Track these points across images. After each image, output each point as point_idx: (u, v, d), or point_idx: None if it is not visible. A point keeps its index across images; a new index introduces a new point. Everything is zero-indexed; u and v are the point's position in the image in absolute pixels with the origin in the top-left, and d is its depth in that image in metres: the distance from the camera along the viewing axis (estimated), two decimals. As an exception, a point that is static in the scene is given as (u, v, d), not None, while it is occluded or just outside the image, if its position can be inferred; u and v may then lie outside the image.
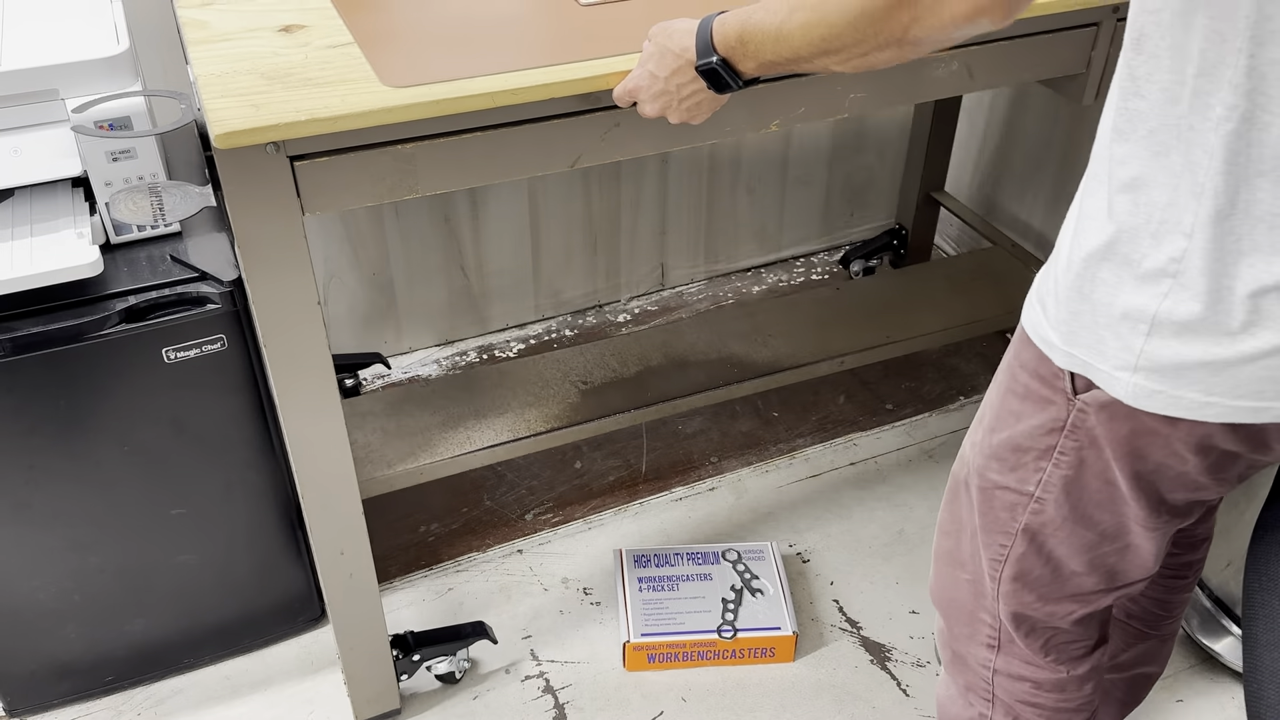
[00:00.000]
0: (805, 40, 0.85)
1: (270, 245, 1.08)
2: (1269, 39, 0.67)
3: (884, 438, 2.03)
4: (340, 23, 1.17)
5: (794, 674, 1.61)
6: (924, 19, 0.76)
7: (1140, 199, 0.77)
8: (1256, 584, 0.99)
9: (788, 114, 1.22)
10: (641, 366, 1.77)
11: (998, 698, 1.07)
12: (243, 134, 0.97)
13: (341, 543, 1.31)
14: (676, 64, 0.99)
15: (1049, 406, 0.89)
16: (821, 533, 1.83)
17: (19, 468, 1.31)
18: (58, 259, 1.21)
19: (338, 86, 1.04)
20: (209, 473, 1.42)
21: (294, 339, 1.14)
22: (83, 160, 1.25)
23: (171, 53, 1.70)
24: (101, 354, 1.28)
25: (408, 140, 1.07)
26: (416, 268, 2.12)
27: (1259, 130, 0.70)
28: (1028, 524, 0.95)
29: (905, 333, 1.86)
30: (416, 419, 1.65)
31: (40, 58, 1.23)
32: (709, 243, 2.40)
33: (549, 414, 1.67)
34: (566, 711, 1.55)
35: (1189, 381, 0.78)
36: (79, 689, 1.53)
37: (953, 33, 0.75)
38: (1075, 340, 0.83)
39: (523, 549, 1.81)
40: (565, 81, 1.07)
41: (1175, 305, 0.76)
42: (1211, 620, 1.58)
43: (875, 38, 0.79)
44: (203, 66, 1.07)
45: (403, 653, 1.51)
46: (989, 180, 2.36)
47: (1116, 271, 0.79)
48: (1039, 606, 1.00)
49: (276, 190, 1.04)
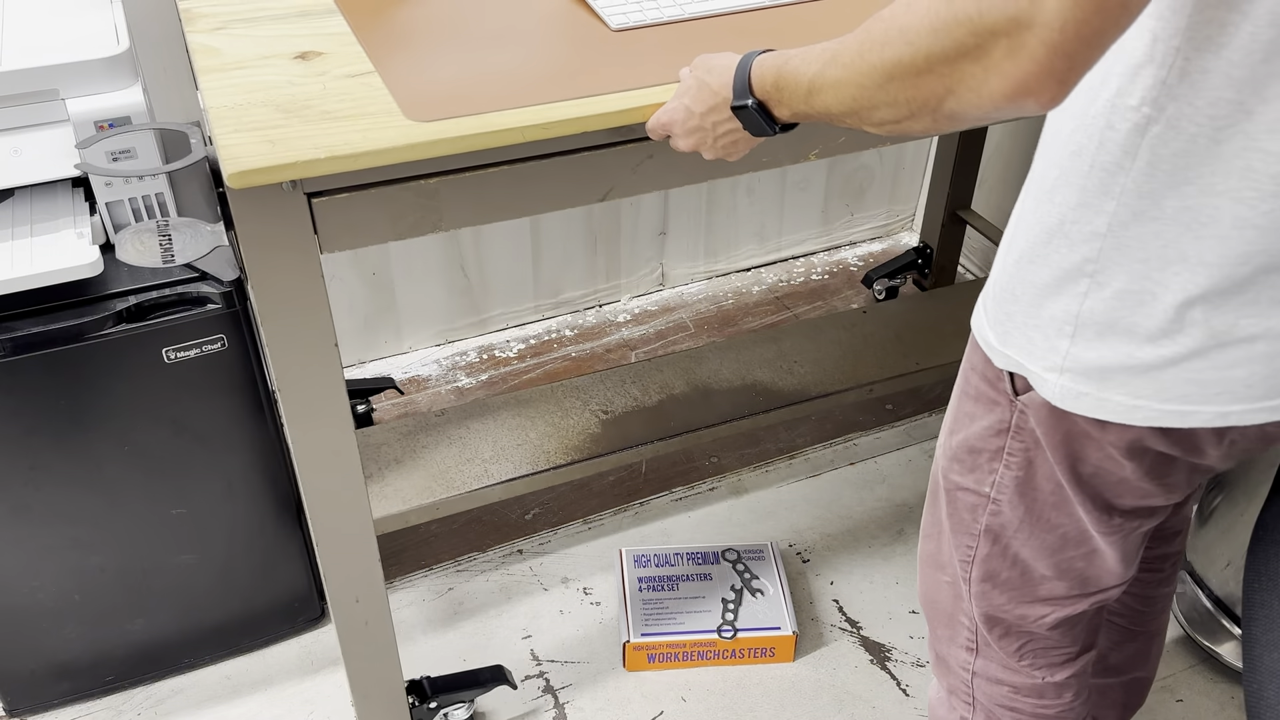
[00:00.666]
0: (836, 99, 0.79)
1: (286, 286, 1.02)
2: (1204, 44, 0.66)
3: (884, 438, 2.03)
4: (359, 49, 1.10)
5: (794, 674, 1.61)
6: (960, 94, 0.67)
7: (1058, 198, 0.77)
8: (1256, 584, 0.99)
9: (828, 144, 1.16)
10: (664, 395, 1.72)
11: (978, 701, 1.07)
12: (258, 173, 0.91)
13: (357, 590, 1.25)
14: (713, 101, 0.94)
15: (995, 408, 0.89)
16: (821, 533, 1.83)
17: (19, 468, 1.31)
18: (58, 259, 1.21)
19: (358, 120, 0.97)
20: (209, 473, 1.42)
21: (310, 382, 1.08)
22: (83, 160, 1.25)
23: (172, 53, 1.70)
24: (101, 354, 1.28)
25: (431, 175, 1.01)
26: (416, 268, 2.12)
27: (1186, 139, 0.69)
28: (988, 525, 0.95)
29: (934, 360, 1.82)
30: (432, 451, 1.60)
31: (40, 58, 1.23)
32: (709, 243, 2.40)
33: (568, 445, 1.62)
34: (566, 711, 1.55)
35: (1114, 384, 0.78)
36: (79, 689, 1.53)
37: (993, 113, 0.66)
38: (1009, 341, 0.84)
39: (523, 549, 1.81)
40: (597, 115, 1.00)
41: (1095, 305, 0.76)
42: (1211, 620, 1.58)
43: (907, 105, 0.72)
44: (215, 98, 1.01)
45: (419, 700, 1.45)
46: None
47: (1040, 271, 0.79)
48: (1010, 609, 0.99)
49: (293, 229, 0.99)
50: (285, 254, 1.00)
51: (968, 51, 0.64)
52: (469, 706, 1.51)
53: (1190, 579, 1.61)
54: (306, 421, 1.10)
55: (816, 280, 2.46)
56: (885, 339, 1.86)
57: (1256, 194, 0.69)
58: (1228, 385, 0.75)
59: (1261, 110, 0.66)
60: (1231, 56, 0.65)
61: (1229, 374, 0.75)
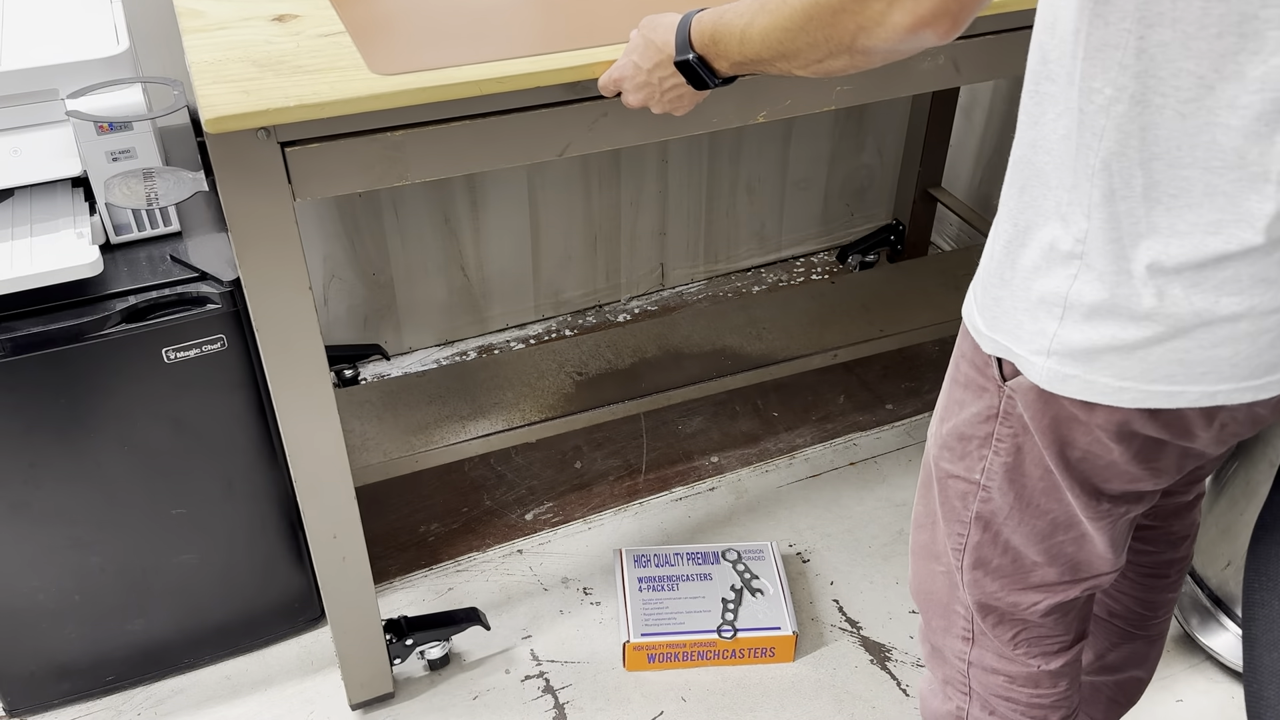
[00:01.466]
0: (764, 44, 0.88)
1: (262, 230, 1.09)
2: (1156, 20, 0.67)
3: (884, 438, 2.03)
4: (332, 13, 1.19)
5: (794, 674, 1.61)
6: (869, 29, 0.77)
7: (1043, 183, 0.78)
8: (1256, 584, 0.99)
9: (775, 105, 1.24)
10: (636, 358, 1.79)
11: (974, 691, 1.08)
12: (233, 119, 0.99)
13: (334, 526, 1.32)
14: (658, 57, 1.01)
15: (984, 394, 0.90)
16: (821, 533, 1.84)
17: (19, 467, 1.31)
18: (58, 259, 1.21)
19: (328, 74, 1.06)
20: (209, 473, 1.42)
21: (286, 322, 1.16)
22: (82, 160, 1.25)
23: (171, 53, 1.70)
24: (101, 354, 1.28)
25: (397, 128, 1.09)
26: (416, 268, 2.12)
27: (1152, 113, 0.70)
28: (979, 512, 0.96)
29: (898, 326, 1.88)
30: (413, 408, 1.66)
31: (40, 58, 1.23)
32: (709, 243, 2.40)
33: (545, 404, 1.68)
34: (566, 711, 1.55)
35: (1101, 366, 0.79)
36: (79, 689, 1.53)
37: (898, 44, 0.77)
38: (997, 325, 0.85)
39: (523, 549, 1.81)
40: (551, 70, 1.08)
41: (1083, 287, 0.77)
42: (1211, 620, 1.58)
43: (825, 44, 0.82)
44: (196, 54, 1.09)
45: (396, 637, 1.52)
46: (987, 178, 2.36)
47: (1029, 255, 0.81)
48: (1003, 596, 1.00)
49: (267, 175, 1.06)
50: (261, 199, 1.08)
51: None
52: (444, 645, 1.57)
53: (1190, 579, 1.61)
54: (283, 358, 1.18)
55: (816, 280, 2.46)
56: (852, 307, 1.93)
57: (1223, 164, 0.70)
58: (1214, 365, 0.76)
59: (1221, 86, 0.67)
60: (1187, 29, 0.67)
61: (1214, 353, 0.76)
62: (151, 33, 1.66)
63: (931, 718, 1.15)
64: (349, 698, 1.51)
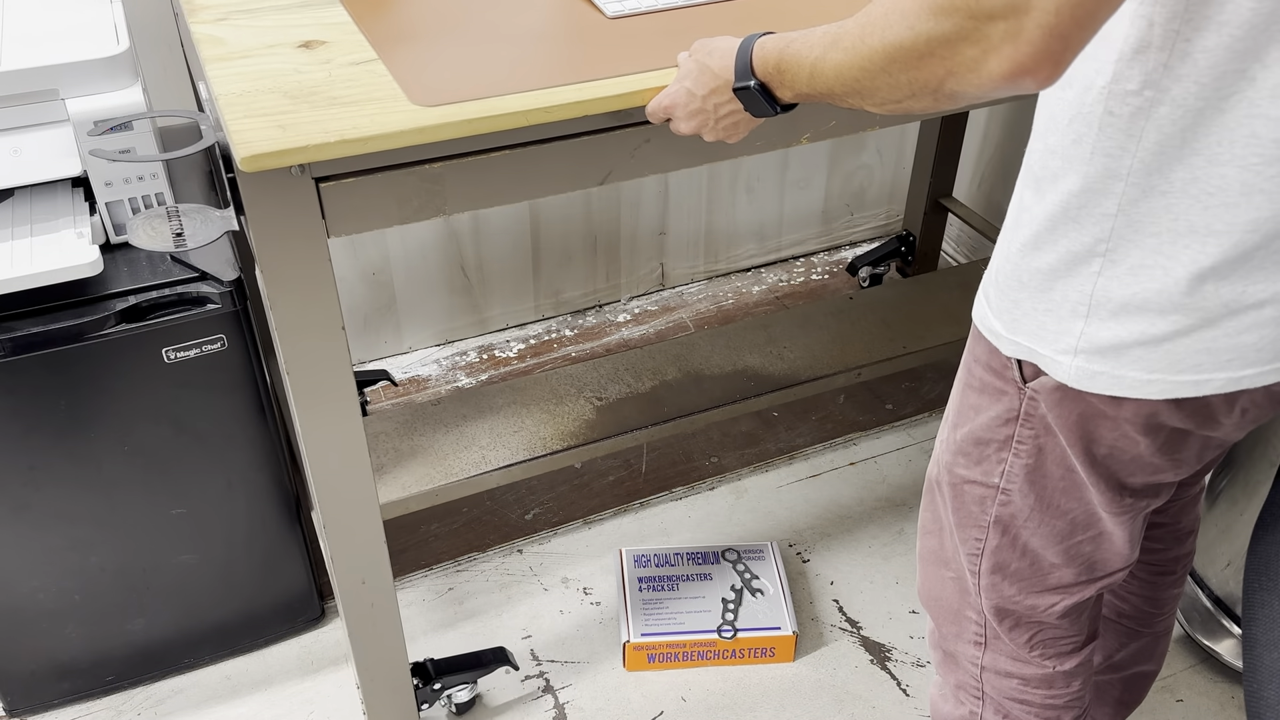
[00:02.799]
0: (838, 79, 0.81)
1: (294, 269, 1.04)
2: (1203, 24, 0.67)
3: (884, 438, 2.03)
4: (361, 38, 1.13)
5: (794, 674, 1.61)
6: (960, 74, 0.69)
7: (1061, 185, 0.78)
8: (1256, 584, 0.99)
9: (819, 127, 1.19)
10: (656, 381, 1.75)
11: (987, 695, 1.08)
12: (270, 156, 0.93)
13: (364, 573, 1.27)
14: (715, 83, 0.97)
15: (1002, 397, 0.90)
16: (821, 533, 1.84)
17: (19, 468, 1.31)
18: (58, 259, 1.21)
19: (365, 105, 1.00)
20: (209, 472, 1.42)
21: (319, 367, 1.11)
22: (82, 160, 1.25)
23: (171, 53, 1.70)
24: (101, 354, 1.28)
25: (435, 160, 1.04)
26: (416, 268, 2.12)
27: (1193, 114, 0.70)
28: (998, 515, 0.96)
29: (920, 343, 1.85)
30: (430, 439, 1.62)
31: (40, 58, 1.23)
32: (709, 243, 2.40)
33: (564, 431, 1.64)
34: (566, 711, 1.55)
35: (1129, 360, 0.79)
36: (79, 689, 1.53)
37: (992, 92, 0.68)
38: (1018, 328, 0.84)
39: (523, 549, 1.81)
40: (600, 99, 1.04)
41: (1108, 284, 0.78)
42: (1211, 620, 1.58)
43: (908, 86, 0.74)
44: (223, 85, 1.03)
45: (423, 681, 1.48)
46: (998, 186, 2.35)
47: (1047, 256, 0.80)
48: (1020, 600, 1.00)
49: (302, 213, 1.01)
50: (294, 238, 1.02)
51: (966, 35, 0.66)
52: (472, 687, 1.53)
53: (1190, 579, 1.61)
54: (314, 404, 1.12)
55: (816, 280, 2.46)
56: (872, 324, 1.90)
57: (1261, 159, 0.70)
58: (1239, 351, 0.77)
59: (1263, 76, 0.67)
60: (1234, 32, 0.67)
61: (1240, 340, 0.76)
62: (151, 33, 1.66)
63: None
64: None
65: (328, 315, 1.08)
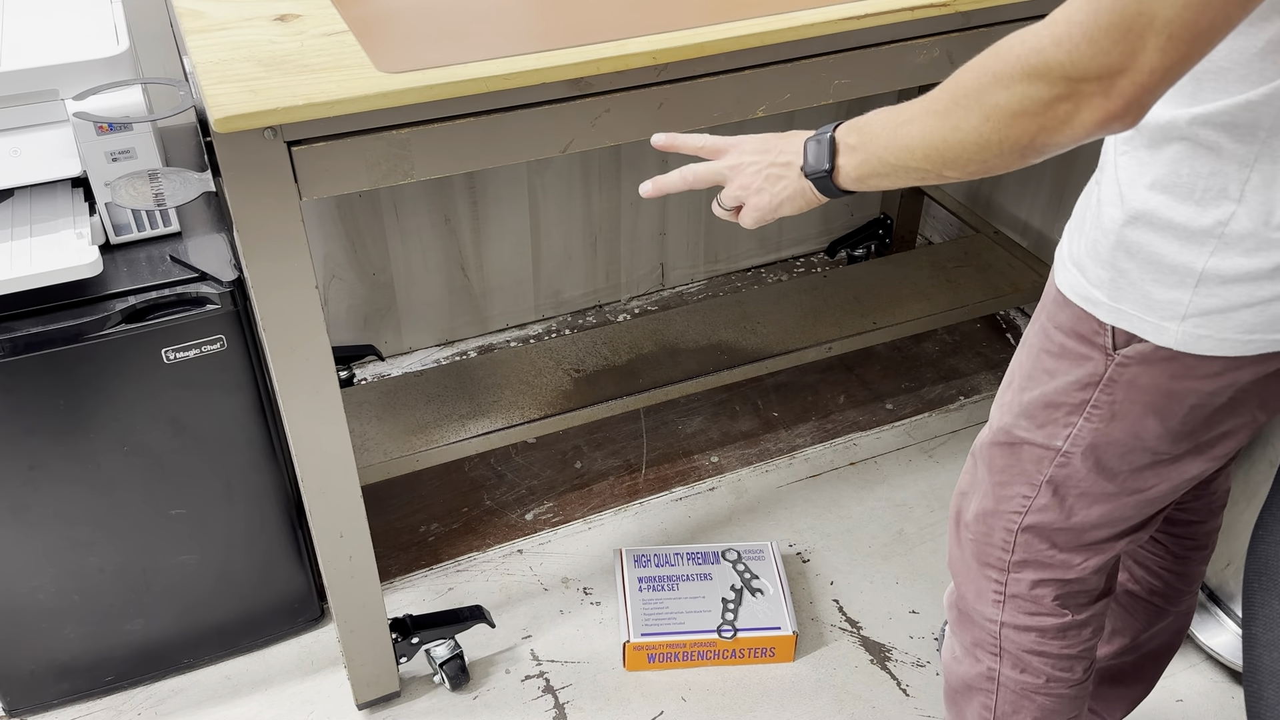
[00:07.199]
0: (923, 140, 0.82)
1: (269, 230, 1.10)
2: None
3: (884, 438, 2.03)
4: (333, 11, 1.19)
5: (794, 674, 1.61)
6: (1053, 129, 0.72)
7: (1183, 169, 0.81)
8: (1256, 584, 0.99)
9: (774, 99, 1.24)
10: (633, 354, 1.80)
11: (1005, 650, 1.11)
12: (242, 118, 0.98)
13: (341, 525, 1.33)
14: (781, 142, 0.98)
15: (1086, 363, 0.92)
16: (821, 533, 1.83)
17: (19, 468, 1.31)
18: (58, 259, 1.21)
19: (334, 72, 1.06)
20: (209, 473, 1.42)
21: (293, 322, 1.16)
22: (82, 160, 1.25)
23: (171, 53, 1.70)
24: (101, 354, 1.28)
25: (402, 126, 1.09)
26: (416, 268, 2.12)
27: None
28: (1053, 476, 1.00)
29: (890, 319, 1.90)
30: (411, 408, 1.67)
31: (40, 58, 1.23)
32: (709, 243, 2.40)
33: (544, 401, 1.69)
34: (566, 711, 1.55)
35: (1234, 323, 0.83)
36: (79, 689, 1.53)
37: (1081, 140, 0.72)
38: (1121, 296, 0.87)
39: (523, 549, 1.81)
40: (557, 66, 1.09)
41: (1221, 262, 0.81)
42: (1211, 620, 1.58)
43: (999, 145, 0.76)
44: (201, 55, 1.09)
45: (401, 636, 1.53)
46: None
47: (1161, 233, 0.83)
48: (1054, 555, 1.05)
49: (274, 175, 1.06)
50: (267, 198, 1.08)
51: (1061, 95, 0.70)
52: (452, 644, 1.56)
53: (1190, 579, 1.61)
54: (289, 357, 1.18)
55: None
56: (844, 300, 1.94)
57: None
58: None
59: None
60: None
61: None
62: (151, 33, 1.66)
63: (959, 683, 1.18)
64: (355, 697, 1.51)
65: (301, 273, 1.14)
